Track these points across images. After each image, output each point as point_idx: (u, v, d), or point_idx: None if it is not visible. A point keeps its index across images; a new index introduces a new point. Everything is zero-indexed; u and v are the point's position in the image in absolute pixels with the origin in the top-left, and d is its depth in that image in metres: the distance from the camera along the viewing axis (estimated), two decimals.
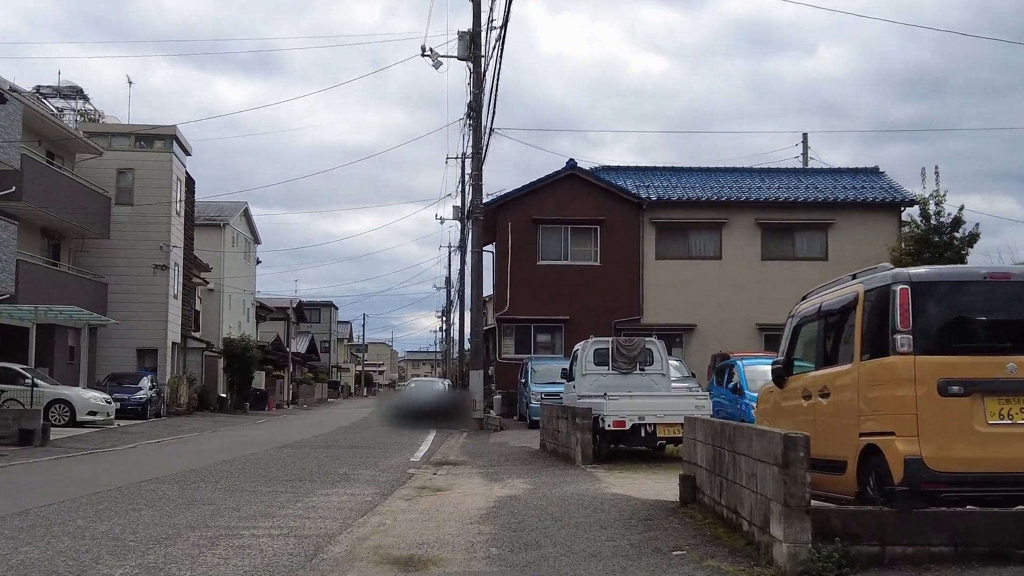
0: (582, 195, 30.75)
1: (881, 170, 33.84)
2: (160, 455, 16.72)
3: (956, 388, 6.16)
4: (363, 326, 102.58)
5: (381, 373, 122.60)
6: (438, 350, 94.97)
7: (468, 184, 32.66)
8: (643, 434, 13.62)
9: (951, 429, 6.14)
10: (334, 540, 7.13)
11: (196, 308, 40.00)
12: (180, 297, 35.61)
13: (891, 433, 6.27)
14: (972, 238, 23.47)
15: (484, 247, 29.17)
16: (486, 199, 28.38)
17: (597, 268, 30.48)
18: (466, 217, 35.06)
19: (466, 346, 39.03)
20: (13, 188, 24.82)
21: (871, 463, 6.49)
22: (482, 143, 26.31)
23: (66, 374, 27.58)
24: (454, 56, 25.71)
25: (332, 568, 6.10)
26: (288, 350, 58.35)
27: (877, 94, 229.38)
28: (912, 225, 25.62)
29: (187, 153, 36.52)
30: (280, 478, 12.02)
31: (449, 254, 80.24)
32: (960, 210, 23.73)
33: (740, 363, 17.25)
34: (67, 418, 22.56)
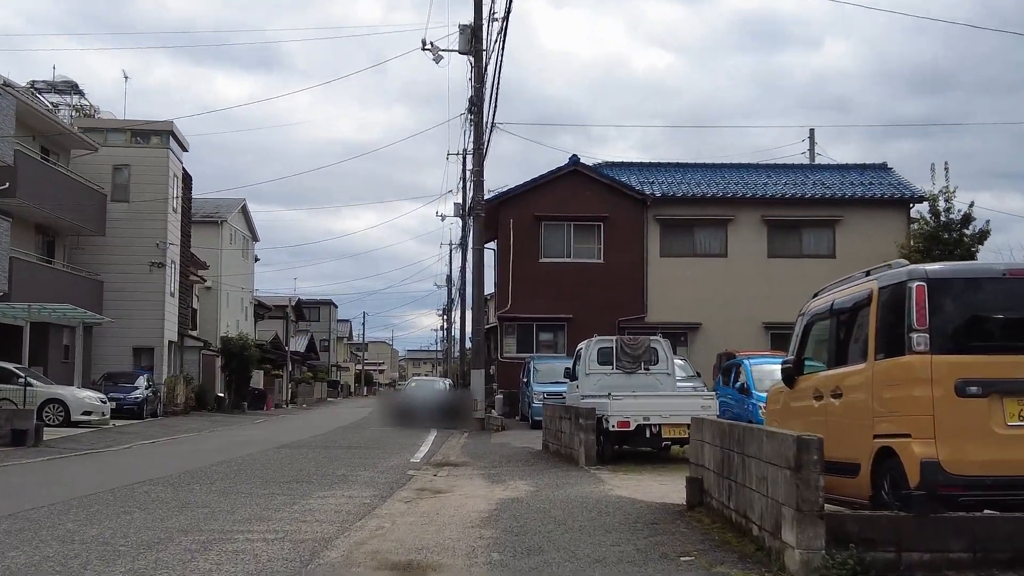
0: (585, 191, 30.50)
1: (889, 166, 33.62)
2: (155, 456, 16.56)
3: (974, 388, 6.01)
4: (363, 325, 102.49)
5: (381, 372, 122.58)
6: (439, 349, 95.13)
7: (469, 180, 32.46)
8: (648, 435, 13.41)
9: (969, 431, 5.99)
10: (331, 545, 6.96)
11: (193, 306, 39.86)
12: (177, 295, 35.40)
13: (907, 435, 6.12)
14: (982, 235, 23.34)
15: (486, 244, 29.00)
16: (488, 196, 28.20)
17: (600, 266, 30.24)
18: (467, 214, 34.84)
19: (467, 345, 38.90)
20: (7, 184, 24.72)
21: (886, 466, 6.34)
22: (483, 139, 26.11)
23: (61, 373, 27.30)
24: (455, 50, 25.55)
25: (328, 574, 5.93)
26: (287, 349, 58.25)
27: (884, 89, 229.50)
28: (921, 222, 25.49)
29: (184, 149, 36.34)
30: (277, 480, 11.85)
31: (450, 251, 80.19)
32: (970, 207, 23.62)
33: (747, 362, 17.15)
34: (61, 418, 22.27)
